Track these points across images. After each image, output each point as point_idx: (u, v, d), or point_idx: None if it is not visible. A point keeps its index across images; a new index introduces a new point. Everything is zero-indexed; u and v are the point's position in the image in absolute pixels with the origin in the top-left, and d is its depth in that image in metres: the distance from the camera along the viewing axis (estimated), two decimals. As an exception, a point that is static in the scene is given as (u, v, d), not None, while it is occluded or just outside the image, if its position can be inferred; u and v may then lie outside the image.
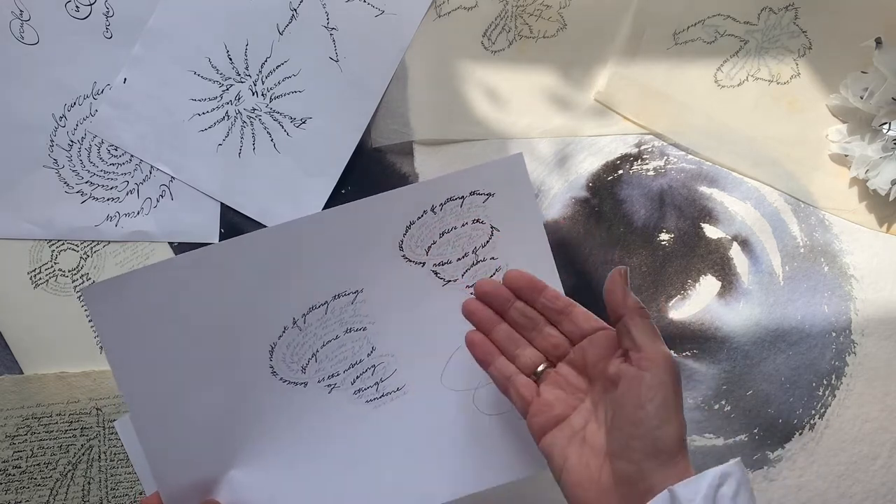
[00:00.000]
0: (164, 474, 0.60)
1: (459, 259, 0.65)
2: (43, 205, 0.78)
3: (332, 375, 0.64)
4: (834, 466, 0.76)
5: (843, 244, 0.78)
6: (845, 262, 0.78)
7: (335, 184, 0.78)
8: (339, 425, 0.64)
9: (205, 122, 0.78)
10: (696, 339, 0.77)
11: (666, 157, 0.79)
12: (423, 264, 0.64)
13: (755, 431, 0.76)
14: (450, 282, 0.65)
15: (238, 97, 0.78)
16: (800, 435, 0.76)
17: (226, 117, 0.78)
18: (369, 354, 0.65)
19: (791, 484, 0.76)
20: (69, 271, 0.78)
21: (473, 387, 0.65)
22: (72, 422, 0.76)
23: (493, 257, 0.65)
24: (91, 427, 0.76)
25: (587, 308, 0.59)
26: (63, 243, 0.78)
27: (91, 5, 0.77)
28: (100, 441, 0.76)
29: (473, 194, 0.63)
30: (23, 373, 0.77)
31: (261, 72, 0.78)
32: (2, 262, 0.78)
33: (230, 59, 0.78)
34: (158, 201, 0.78)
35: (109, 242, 0.78)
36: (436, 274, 0.65)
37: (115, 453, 0.76)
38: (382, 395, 0.65)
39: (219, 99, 0.78)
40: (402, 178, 0.79)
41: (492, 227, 0.64)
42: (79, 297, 0.78)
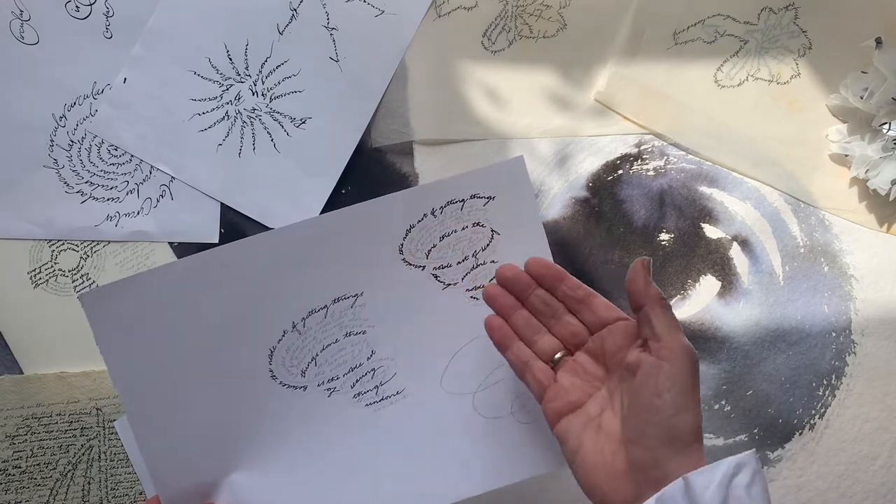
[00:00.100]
0: (164, 478, 0.60)
1: (459, 262, 0.65)
2: (43, 205, 0.78)
3: (332, 379, 0.64)
4: (834, 466, 0.76)
5: (843, 244, 0.78)
6: (845, 262, 0.78)
7: (335, 184, 0.78)
8: (338, 429, 0.64)
9: (205, 122, 0.78)
10: (696, 339, 0.77)
11: (666, 157, 0.79)
12: (424, 268, 0.64)
13: (755, 431, 0.76)
14: (450, 285, 0.65)
15: (238, 97, 0.78)
16: (800, 435, 0.76)
17: (226, 117, 0.78)
18: (369, 358, 0.65)
19: (791, 484, 0.76)
20: (69, 271, 0.78)
21: (473, 390, 0.65)
22: (72, 422, 0.76)
23: (493, 261, 0.65)
24: (91, 427, 0.76)
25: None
26: (63, 243, 0.78)
27: (91, 5, 0.77)
28: (100, 441, 0.76)
29: (474, 197, 0.63)
30: (23, 373, 0.77)
31: (261, 72, 0.78)
32: (2, 262, 0.78)
33: (230, 59, 0.78)
34: (158, 201, 0.78)
35: (109, 242, 0.78)
36: (436, 277, 0.65)
37: (115, 453, 0.76)
38: (382, 399, 0.65)
39: (219, 99, 0.78)
40: (402, 178, 0.79)
41: (492, 231, 0.64)
42: (78, 295, 0.78)
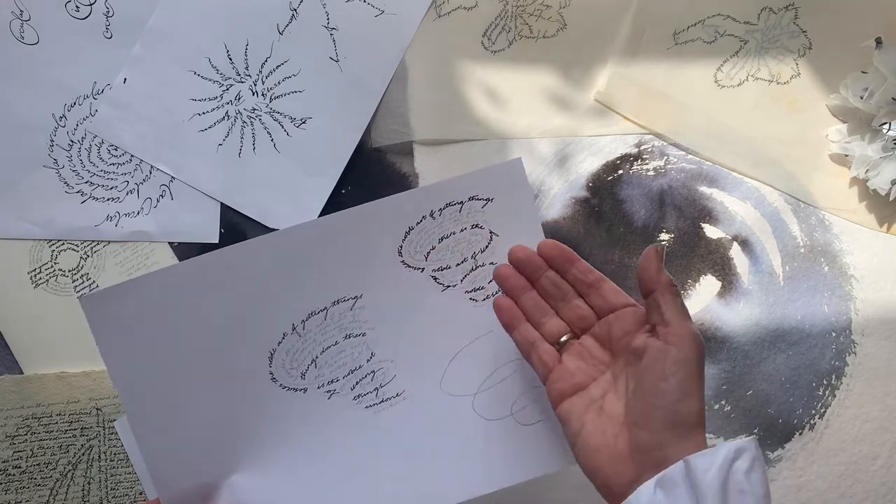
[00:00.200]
0: (165, 480, 0.60)
1: (458, 264, 0.65)
2: (43, 205, 0.78)
3: (332, 381, 0.64)
4: (834, 466, 0.76)
5: (843, 244, 0.78)
6: (845, 262, 0.78)
7: (335, 184, 0.78)
8: (338, 431, 0.64)
9: (205, 122, 0.78)
10: (696, 340, 0.77)
11: (666, 157, 0.79)
12: (422, 270, 0.64)
13: (755, 431, 0.76)
14: (449, 287, 0.65)
15: (238, 97, 0.78)
16: (800, 435, 0.76)
17: (226, 117, 0.78)
18: (368, 360, 0.65)
19: (791, 484, 0.76)
20: (69, 271, 0.78)
21: (473, 392, 0.65)
22: (72, 422, 0.76)
23: (492, 262, 0.65)
24: (91, 427, 0.76)
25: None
26: (63, 243, 0.78)
27: (91, 5, 0.77)
28: (100, 441, 0.76)
29: (472, 199, 0.63)
30: (23, 373, 0.77)
31: (261, 72, 0.78)
32: (2, 262, 0.78)
33: (230, 59, 0.78)
34: (158, 201, 0.78)
35: (109, 242, 0.78)
36: (435, 279, 0.65)
37: (115, 453, 0.76)
38: (382, 401, 0.65)
39: (219, 99, 0.78)
40: (402, 178, 0.79)
41: (491, 233, 0.64)
42: (79, 298, 0.78)
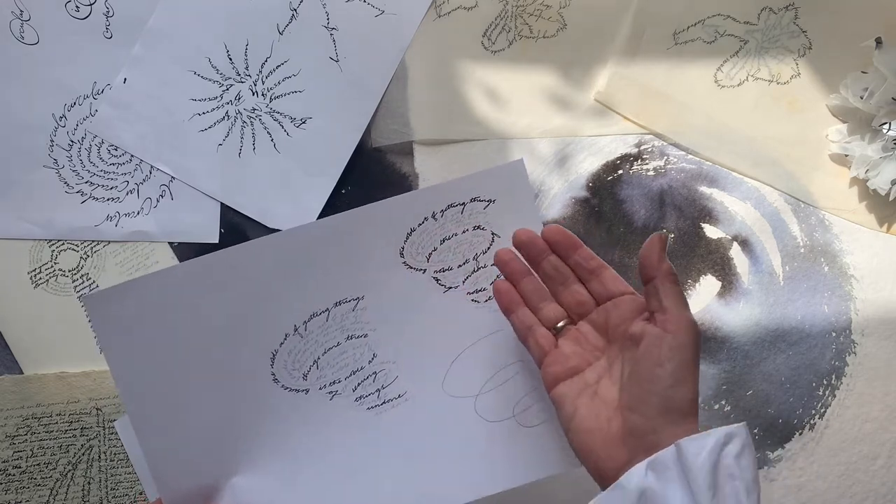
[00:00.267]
0: (167, 481, 0.60)
1: (460, 266, 0.65)
2: (43, 205, 0.78)
3: (334, 382, 0.64)
4: (834, 466, 0.76)
5: (843, 244, 0.78)
6: (845, 262, 0.78)
7: (335, 184, 0.78)
8: (340, 432, 0.64)
9: (205, 122, 0.78)
10: (696, 340, 0.77)
11: (666, 157, 0.79)
12: (424, 271, 0.64)
13: (755, 431, 0.76)
14: (451, 288, 0.65)
15: (238, 97, 0.78)
16: (800, 435, 0.76)
17: (226, 117, 0.78)
18: (370, 361, 0.65)
19: (791, 484, 0.76)
20: (69, 271, 0.78)
21: (475, 393, 0.65)
22: (72, 422, 0.76)
23: (493, 264, 0.65)
24: (91, 427, 0.76)
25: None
26: (63, 243, 0.78)
27: (91, 5, 0.77)
28: (100, 441, 0.76)
29: (474, 201, 0.63)
30: (23, 373, 0.77)
31: (261, 72, 0.78)
32: (2, 262, 0.78)
33: (230, 59, 0.78)
34: (158, 201, 0.78)
35: (109, 242, 0.78)
36: (437, 281, 0.65)
37: (115, 453, 0.76)
38: (384, 402, 0.65)
39: (219, 99, 0.78)
40: (402, 178, 0.79)
41: (492, 234, 0.64)
42: (79, 298, 0.78)
